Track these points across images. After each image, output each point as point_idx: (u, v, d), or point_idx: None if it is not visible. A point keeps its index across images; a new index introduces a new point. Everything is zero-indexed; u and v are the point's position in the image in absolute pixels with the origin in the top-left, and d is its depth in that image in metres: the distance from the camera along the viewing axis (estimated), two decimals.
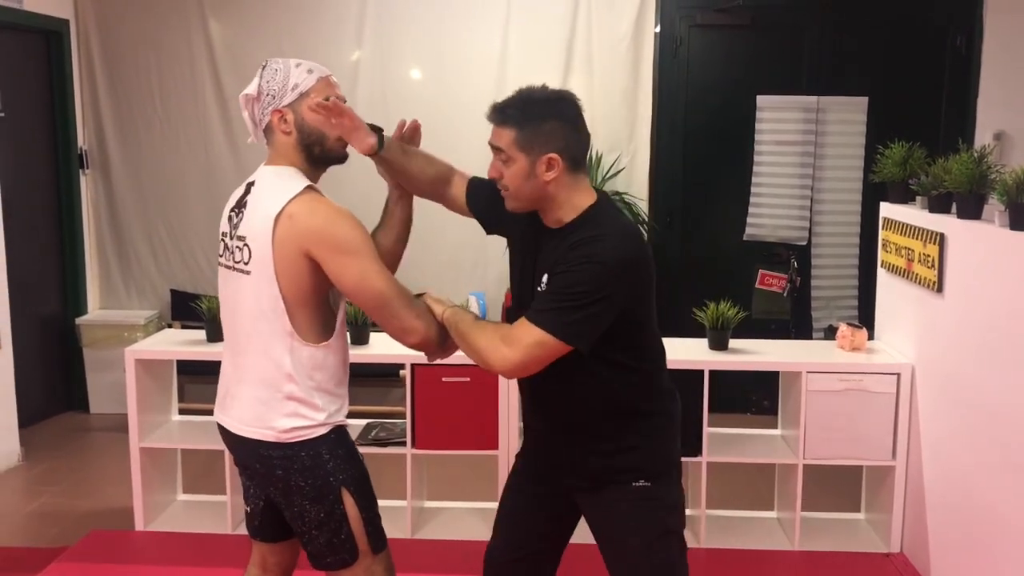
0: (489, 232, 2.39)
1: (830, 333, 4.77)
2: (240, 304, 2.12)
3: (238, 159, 5.45)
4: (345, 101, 2.14)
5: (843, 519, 3.90)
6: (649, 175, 5.39)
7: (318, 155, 2.15)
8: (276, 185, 2.09)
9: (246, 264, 2.08)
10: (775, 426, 3.96)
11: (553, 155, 1.99)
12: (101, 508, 4.08)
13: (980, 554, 3.00)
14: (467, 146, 5.53)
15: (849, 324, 3.78)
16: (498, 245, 5.33)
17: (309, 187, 2.08)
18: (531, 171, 2.00)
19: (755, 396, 5.35)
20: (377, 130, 2.22)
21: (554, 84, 2.17)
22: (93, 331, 5.36)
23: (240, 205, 2.15)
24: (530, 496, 2.28)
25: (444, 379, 3.58)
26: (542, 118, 2.00)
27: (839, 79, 5.25)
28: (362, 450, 3.67)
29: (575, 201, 2.04)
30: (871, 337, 3.84)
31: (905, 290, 3.59)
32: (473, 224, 2.28)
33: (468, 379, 3.57)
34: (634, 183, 5.37)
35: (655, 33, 5.30)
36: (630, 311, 2.02)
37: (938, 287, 3.25)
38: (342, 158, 2.21)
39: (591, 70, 5.32)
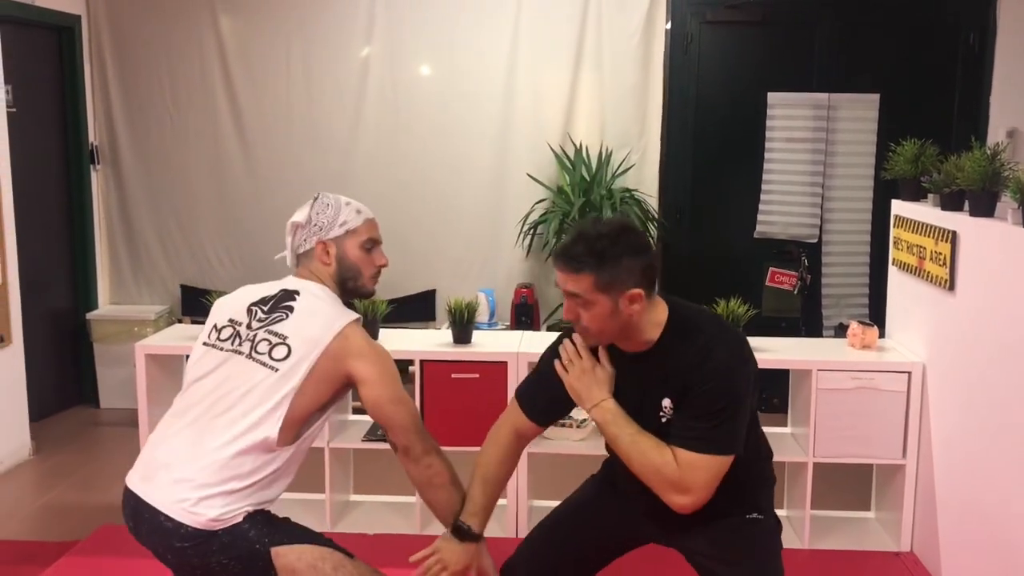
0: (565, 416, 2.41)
1: (841, 331, 4.75)
2: (238, 387, 2.11)
3: (248, 154, 5.46)
4: (382, 242, 2.34)
5: (853, 518, 3.89)
6: (659, 172, 5.38)
7: (350, 289, 2.31)
8: (329, 304, 2.23)
9: (276, 360, 2.11)
10: (785, 424, 3.94)
11: (636, 290, 1.98)
12: (111, 502, 4.08)
13: (991, 553, 2.99)
14: (474, 144, 5.57)
15: (860, 322, 3.76)
16: (507, 242, 5.35)
17: (359, 319, 2.22)
18: (615, 309, 1.99)
19: (765, 394, 5.32)
20: (462, 529, 2.25)
21: (564, 80, 2.17)
22: (103, 326, 5.38)
23: (279, 306, 2.21)
24: (613, 516, 2.30)
25: (453, 375, 3.58)
26: (616, 257, 1.97)
27: (850, 76, 5.23)
28: (369, 447, 3.72)
29: (657, 319, 2.06)
30: (882, 335, 3.83)
31: (916, 288, 3.57)
32: (483, 221, 2.28)
33: (477, 375, 3.57)
34: (644, 180, 5.36)
35: (666, 30, 5.29)
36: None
37: (950, 285, 3.24)
38: (369, 294, 2.38)
39: (601, 67, 5.31)
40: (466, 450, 3.73)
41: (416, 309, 5.28)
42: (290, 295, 2.23)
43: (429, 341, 3.80)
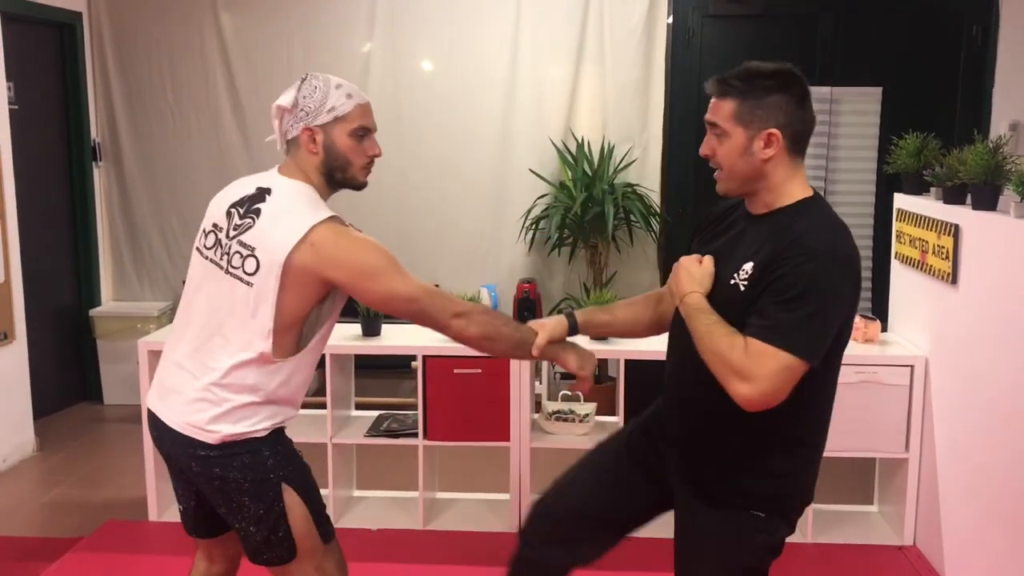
0: None
1: None
2: (222, 306, 2.09)
3: (250, 150, 5.46)
4: (376, 130, 2.18)
5: (856, 511, 3.89)
6: (661, 167, 5.37)
7: (339, 180, 2.16)
8: (297, 206, 2.07)
9: (249, 275, 2.04)
10: None
11: (773, 130, 1.89)
12: (116, 498, 4.10)
13: (994, 547, 2.99)
14: (476, 139, 5.57)
15: (862, 316, 3.76)
16: (510, 237, 5.35)
17: (332, 217, 2.06)
18: (748, 147, 1.90)
19: None
20: (568, 316, 2.23)
21: (566, 75, 2.15)
22: (106, 323, 5.39)
23: (250, 209, 2.11)
24: (633, 466, 2.18)
25: (456, 370, 3.58)
26: (766, 90, 1.89)
27: (853, 69, 5.21)
28: (374, 441, 3.73)
29: (790, 188, 1.94)
30: (884, 329, 3.82)
31: (919, 282, 3.57)
32: (485, 216, 2.27)
33: (480, 370, 3.57)
34: (646, 175, 5.35)
35: (668, 23, 5.28)
36: (841, 325, 1.86)
37: (952, 279, 3.23)
38: (360, 186, 2.20)
39: (603, 61, 5.30)
40: (469, 445, 3.75)
41: None
42: (261, 195, 2.12)
43: (431, 336, 3.79)
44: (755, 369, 1.77)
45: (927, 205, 3.49)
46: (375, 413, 3.97)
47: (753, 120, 1.89)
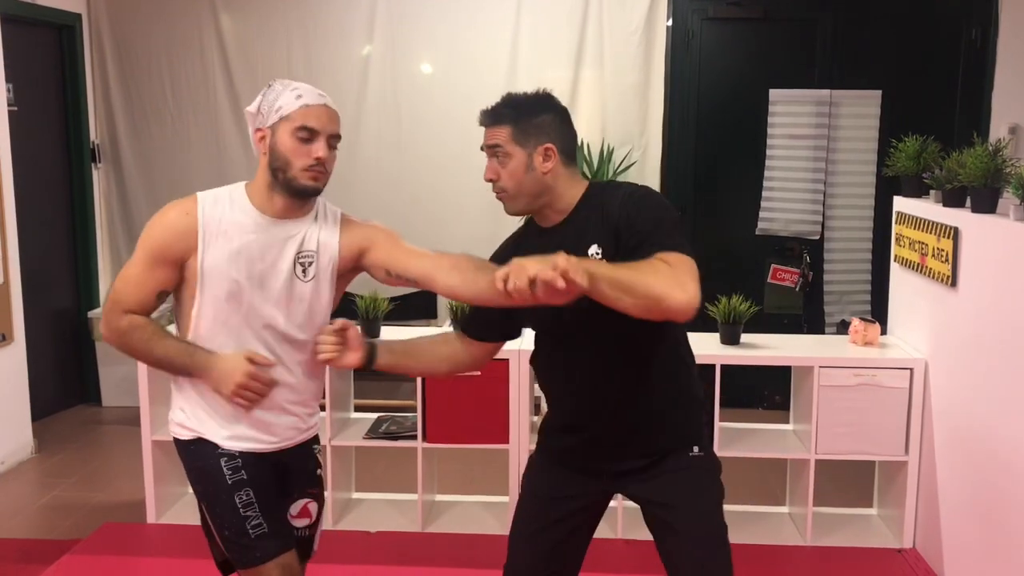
0: (513, 337, 2.34)
1: (843, 328, 4.75)
2: None
3: (249, 153, 5.41)
4: (336, 138, 2.09)
5: (855, 514, 3.89)
6: (660, 169, 5.37)
7: (281, 181, 2.06)
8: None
9: None
10: (787, 421, 3.94)
11: (549, 145, 2.07)
12: (113, 501, 4.10)
13: (993, 550, 2.99)
14: (476, 142, 5.54)
15: (862, 319, 3.76)
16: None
17: (185, 199, 2.11)
18: (529, 164, 2.07)
19: (767, 391, 5.34)
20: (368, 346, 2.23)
21: (566, 78, 2.21)
22: None
23: None
24: (563, 502, 2.23)
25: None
26: (533, 112, 2.08)
27: (852, 72, 5.21)
28: (372, 444, 3.72)
29: (574, 190, 2.12)
30: (884, 332, 3.83)
31: (918, 285, 3.57)
32: (482, 220, 2.27)
33: (478, 373, 3.56)
34: (645, 177, 5.35)
35: (667, 26, 5.28)
36: None
37: (952, 282, 3.23)
38: (303, 190, 2.06)
39: (602, 64, 5.30)
40: (468, 447, 3.74)
41: (418, 307, 5.28)
42: None
43: None
44: (684, 276, 1.91)
45: (926, 208, 3.49)
46: (374, 415, 3.96)
47: (529, 139, 2.06)
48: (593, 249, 2.04)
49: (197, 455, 2.15)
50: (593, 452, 2.19)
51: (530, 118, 2.07)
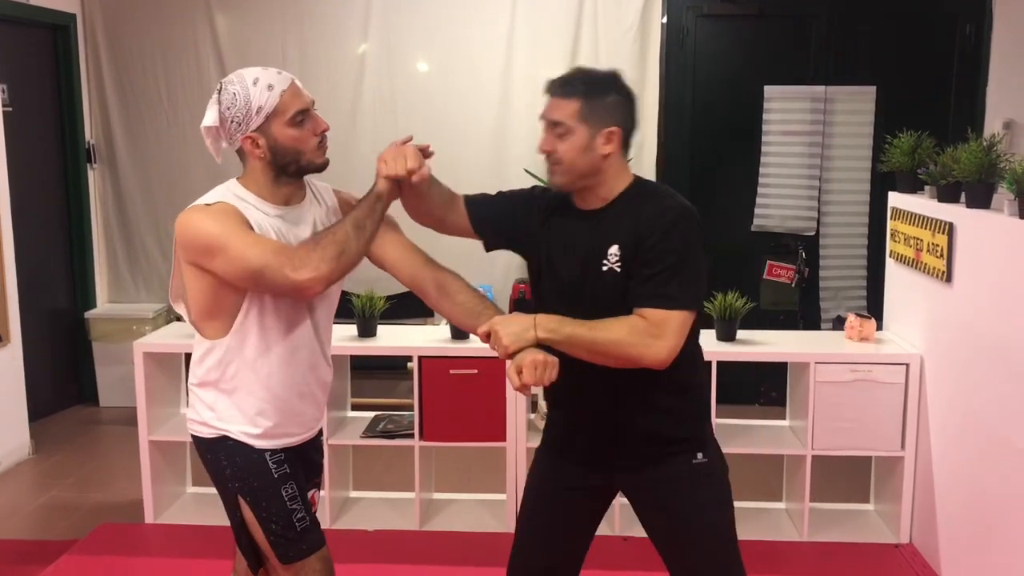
0: (490, 248, 2.35)
1: (838, 324, 4.76)
2: None
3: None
4: (314, 103, 2.09)
5: (852, 510, 3.89)
6: (656, 166, 5.37)
7: (294, 172, 2.09)
8: (210, 195, 2.12)
9: None
10: (783, 417, 3.95)
11: (614, 128, 2.02)
12: (111, 501, 4.10)
13: (989, 544, 2.99)
14: (471, 139, 5.56)
15: (858, 314, 3.77)
16: None
17: (207, 204, 2.05)
18: (590, 144, 2.01)
19: (763, 387, 5.34)
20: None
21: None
22: (102, 325, 5.38)
23: None
24: (564, 494, 2.23)
25: (452, 371, 3.58)
26: (605, 91, 2.04)
27: (847, 69, 5.22)
28: (370, 442, 3.72)
29: (621, 180, 2.08)
30: (880, 327, 3.83)
31: (914, 280, 3.58)
32: None
33: (476, 371, 3.57)
34: (641, 174, 5.26)
35: (662, 23, 5.28)
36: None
37: (947, 277, 3.24)
38: (321, 167, 2.11)
39: (597, 61, 5.29)
40: (465, 445, 3.75)
41: (414, 305, 5.22)
42: None
43: (427, 337, 3.81)
44: (663, 329, 1.95)
45: (921, 203, 3.50)
46: (371, 414, 3.97)
47: (596, 118, 2.01)
48: (613, 249, 2.03)
49: (236, 451, 2.13)
50: (594, 445, 2.18)
51: (602, 97, 2.03)
